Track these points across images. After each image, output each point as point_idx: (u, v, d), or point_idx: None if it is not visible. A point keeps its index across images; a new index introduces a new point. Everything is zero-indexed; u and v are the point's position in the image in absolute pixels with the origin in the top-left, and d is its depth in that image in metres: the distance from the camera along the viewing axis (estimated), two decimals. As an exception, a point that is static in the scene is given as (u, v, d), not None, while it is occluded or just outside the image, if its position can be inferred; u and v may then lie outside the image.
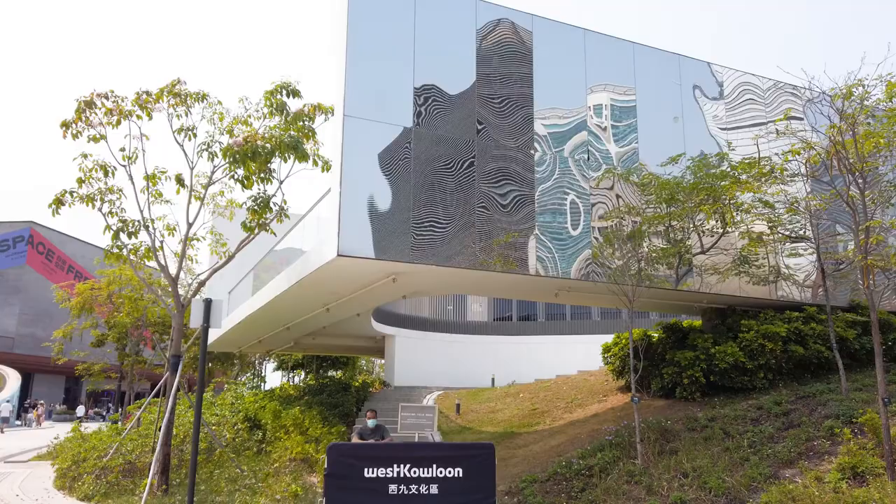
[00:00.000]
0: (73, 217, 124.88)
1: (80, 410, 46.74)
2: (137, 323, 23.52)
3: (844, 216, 10.66)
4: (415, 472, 8.11)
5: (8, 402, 39.74)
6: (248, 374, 44.44)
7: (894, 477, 7.66)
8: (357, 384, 19.01)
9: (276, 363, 36.58)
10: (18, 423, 40.90)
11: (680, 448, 10.10)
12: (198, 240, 13.22)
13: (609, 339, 15.75)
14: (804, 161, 9.38)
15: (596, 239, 12.12)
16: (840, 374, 11.19)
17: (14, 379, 48.49)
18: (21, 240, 62.71)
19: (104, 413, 58.70)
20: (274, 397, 17.63)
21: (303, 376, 34.46)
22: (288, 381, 33.68)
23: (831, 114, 8.27)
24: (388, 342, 25.34)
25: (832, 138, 7.98)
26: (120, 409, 29.74)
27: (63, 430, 33.28)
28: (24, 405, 49.92)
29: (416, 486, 8.05)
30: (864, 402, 10.31)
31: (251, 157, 11.30)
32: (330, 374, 33.56)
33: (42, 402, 49.89)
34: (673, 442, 10.41)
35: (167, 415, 10.86)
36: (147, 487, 10.01)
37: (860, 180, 8.00)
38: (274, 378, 45.07)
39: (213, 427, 15.07)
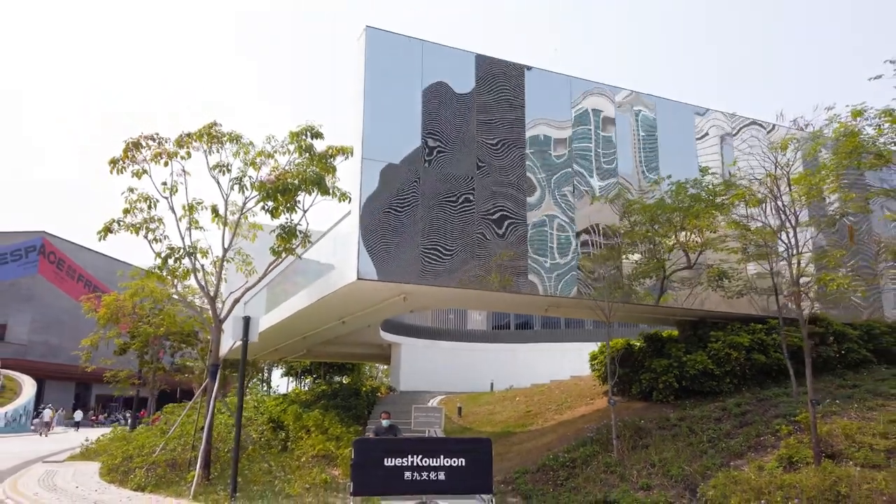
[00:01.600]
0: (85, 228, 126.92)
1: (78, 415, 48.14)
2: (159, 332, 25.32)
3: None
4: (425, 462, 9.81)
5: (49, 408, 41.39)
6: (254, 380, 46.17)
7: (819, 463, 9.33)
8: (366, 389, 20.71)
9: (284, 369, 38.37)
10: (32, 427, 42.33)
11: (651, 443, 11.79)
12: (228, 261, 14.91)
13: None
14: (745, 202, 11.08)
15: (582, 260, 13.81)
16: (791, 379, 12.86)
17: (30, 385, 50.09)
18: (33, 249, 64.29)
19: (111, 417, 60.24)
20: (293, 401, 19.36)
21: (310, 382, 36.20)
22: (297, 386, 35.42)
23: (767, 164, 9.99)
24: (394, 350, 27.09)
25: (768, 185, 9.71)
26: (151, 412, 31.33)
27: (75, 434, 34.94)
28: (36, 411, 51.46)
29: (426, 473, 9.76)
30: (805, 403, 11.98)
31: (281, 193, 13.03)
32: (336, 379, 35.29)
33: (51, 406, 51.35)
34: (645, 438, 12.10)
35: (209, 416, 12.57)
36: (195, 479, 11.71)
37: (792, 219, 9.70)
38: (280, 384, 46.83)
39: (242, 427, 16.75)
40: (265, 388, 44.24)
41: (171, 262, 13.41)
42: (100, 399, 66.62)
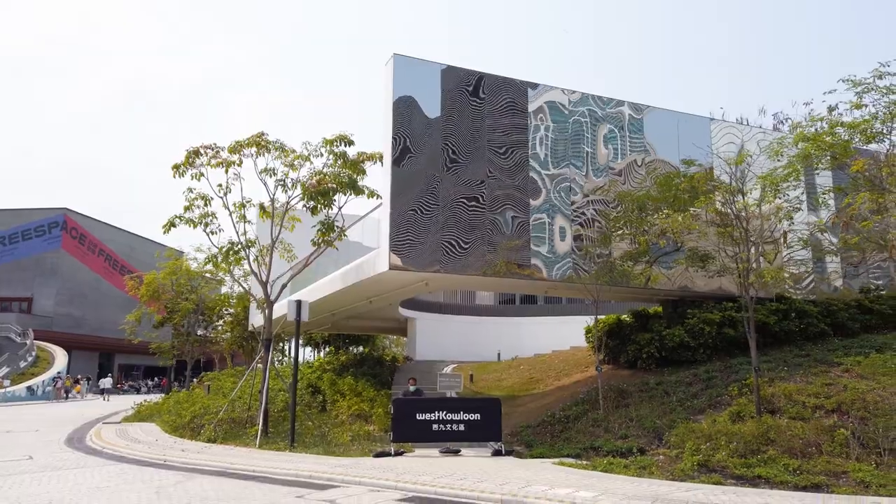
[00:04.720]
0: (102, 203, 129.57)
1: (104, 383, 51.16)
2: (215, 310, 27.98)
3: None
4: (449, 417, 12.45)
5: (109, 376, 44.38)
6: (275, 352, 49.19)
7: (760, 417, 11.79)
8: (388, 358, 23.32)
9: (303, 340, 41.24)
10: (49, 390, 45.08)
11: (631, 403, 14.33)
12: (275, 250, 17.37)
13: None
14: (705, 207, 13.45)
15: (575, 250, 16.19)
16: (752, 350, 15.27)
17: (61, 356, 53.11)
18: (56, 225, 66.79)
19: (137, 386, 63.38)
20: (325, 370, 22.06)
21: (327, 352, 39.07)
22: (318, 355, 38.32)
23: (726, 177, 12.30)
24: (410, 323, 29.74)
25: (723, 197, 12.05)
26: (188, 381, 34.19)
27: (101, 401, 37.63)
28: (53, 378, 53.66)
29: (450, 425, 12.40)
30: (764, 371, 14.44)
31: (321, 195, 15.43)
32: (352, 349, 38.10)
33: (80, 376, 54.31)
34: (627, 399, 14.64)
35: (265, 381, 15.17)
36: (259, 432, 14.36)
37: (745, 224, 12.04)
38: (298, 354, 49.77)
39: (283, 391, 19.40)
40: (283, 359, 47.13)
41: (230, 254, 15.89)
42: (122, 368, 69.73)
